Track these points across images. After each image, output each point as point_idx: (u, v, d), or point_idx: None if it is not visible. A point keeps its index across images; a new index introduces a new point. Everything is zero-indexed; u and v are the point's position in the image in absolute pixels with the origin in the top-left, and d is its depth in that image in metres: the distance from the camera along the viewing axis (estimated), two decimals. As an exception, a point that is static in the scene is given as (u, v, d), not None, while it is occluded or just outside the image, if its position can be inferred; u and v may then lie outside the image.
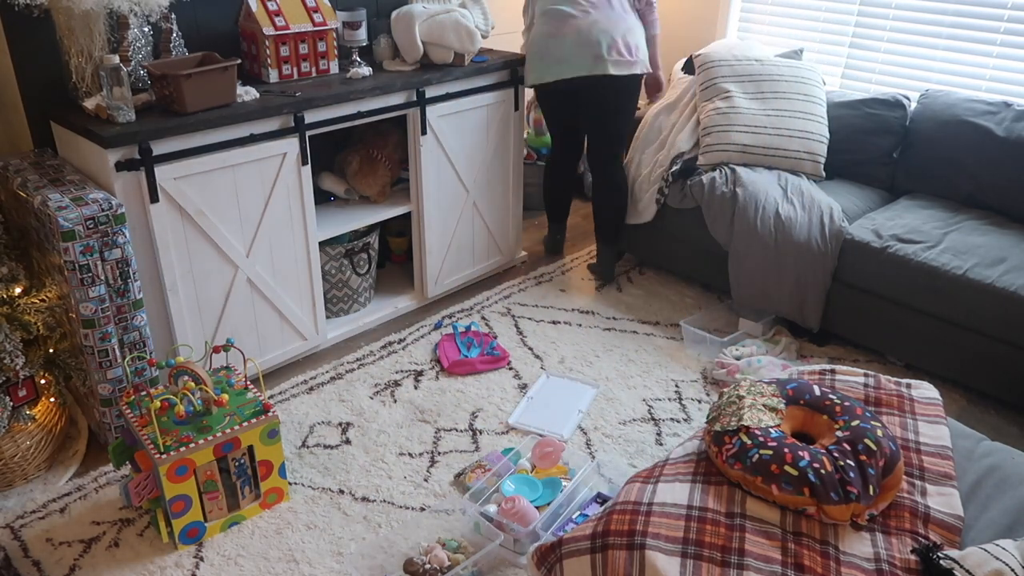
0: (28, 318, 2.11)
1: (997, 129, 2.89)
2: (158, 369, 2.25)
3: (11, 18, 2.25)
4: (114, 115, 2.20)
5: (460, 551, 2.00)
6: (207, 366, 2.40)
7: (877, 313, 2.78)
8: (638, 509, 1.53)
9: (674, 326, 3.10)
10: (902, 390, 1.89)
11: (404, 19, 2.87)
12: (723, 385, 2.72)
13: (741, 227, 2.92)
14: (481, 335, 2.98)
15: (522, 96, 3.22)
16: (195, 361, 2.12)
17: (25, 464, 2.22)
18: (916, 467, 1.66)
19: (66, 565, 2.00)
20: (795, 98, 3.15)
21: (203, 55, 2.44)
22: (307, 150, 2.57)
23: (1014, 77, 3.08)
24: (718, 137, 3.10)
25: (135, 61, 2.40)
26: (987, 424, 2.56)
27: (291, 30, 2.65)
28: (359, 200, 3.06)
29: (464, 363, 2.82)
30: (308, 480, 2.30)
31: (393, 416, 2.58)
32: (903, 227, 2.80)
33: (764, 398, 1.70)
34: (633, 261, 3.63)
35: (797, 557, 1.43)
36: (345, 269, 2.96)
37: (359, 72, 2.75)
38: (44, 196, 2.11)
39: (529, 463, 2.26)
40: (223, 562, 2.02)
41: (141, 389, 2.10)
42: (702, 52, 3.31)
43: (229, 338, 2.31)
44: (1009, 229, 2.80)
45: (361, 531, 2.13)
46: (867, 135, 3.19)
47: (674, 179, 3.13)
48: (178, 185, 2.29)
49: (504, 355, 2.88)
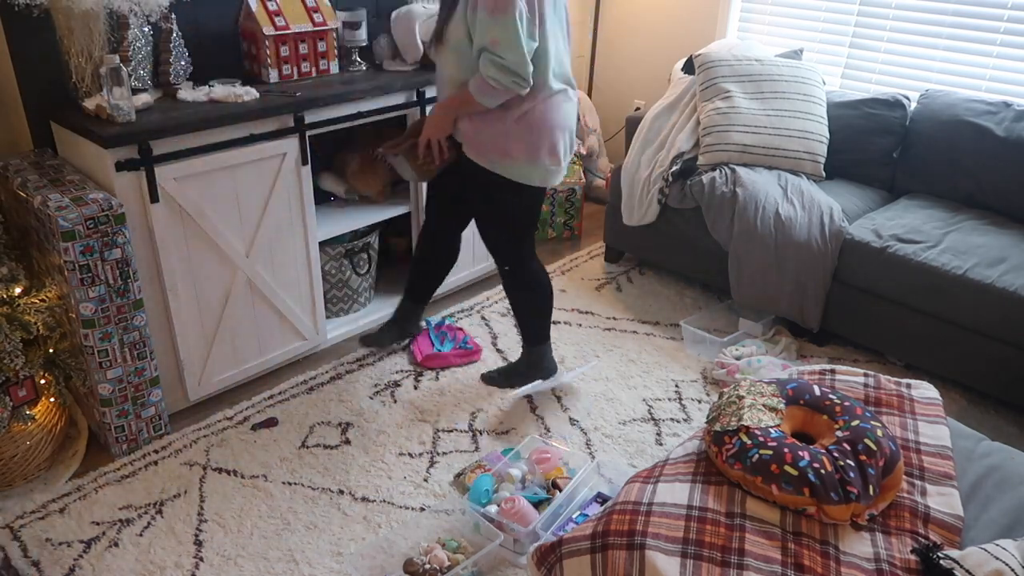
0: (28, 318, 2.11)
1: (997, 129, 2.89)
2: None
3: (11, 18, 2.25)
4: (114, 115, 2.19)
5: (460, 551, 2.00)
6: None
7: (877, 313, 2.78)
8: (638, 509, 1.52)
9: (674, 326, 3.10)
10: (902, 390, 1.89)
11: (404, 19, 2.87)
12: (723, 385, 2.72)
13: (741, 227, 2.92)
14: (455, 329, 2.99)
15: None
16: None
17: (25, 464, 2.22)
18: (916, 467, 1.66)
19: (66, 565, 2.00)
20: (795, 98, 3.15)
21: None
22: (307, 150, 2.57)
23: (1014, 77, 3.08)
24: (718, 137, 3.09)
25: (135, 61, 2.40)
26: (987, 424, 2.56)
27: (291, 30, 2.65)
28: (359, 200, 3.06)
29: (437, 357, 2.82)
30: (308, 480, 2.30)
31: (393, 416, 2.58)
32: (903, 227, 2.80)
33: (764, 398, 1.70)
34: (633, 261, 3.63)
35: (797, 557, 1.43)
36: (345, 269, 2.96)
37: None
38: (44, 196, 2.10)
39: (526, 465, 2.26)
40: (223, 562, 2.02)
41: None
42: (702, 52, 3.31)
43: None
44: (1009, 229, 2.80)
45: (361, 531, 2.13)
46: (867, 135, 3.19)
47: (674, 179, 3.13)
48: (178, 185, 2.29)
49: (477, 349, 2.89)
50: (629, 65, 4.26)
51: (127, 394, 2.30)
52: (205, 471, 2.32)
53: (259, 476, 2.31)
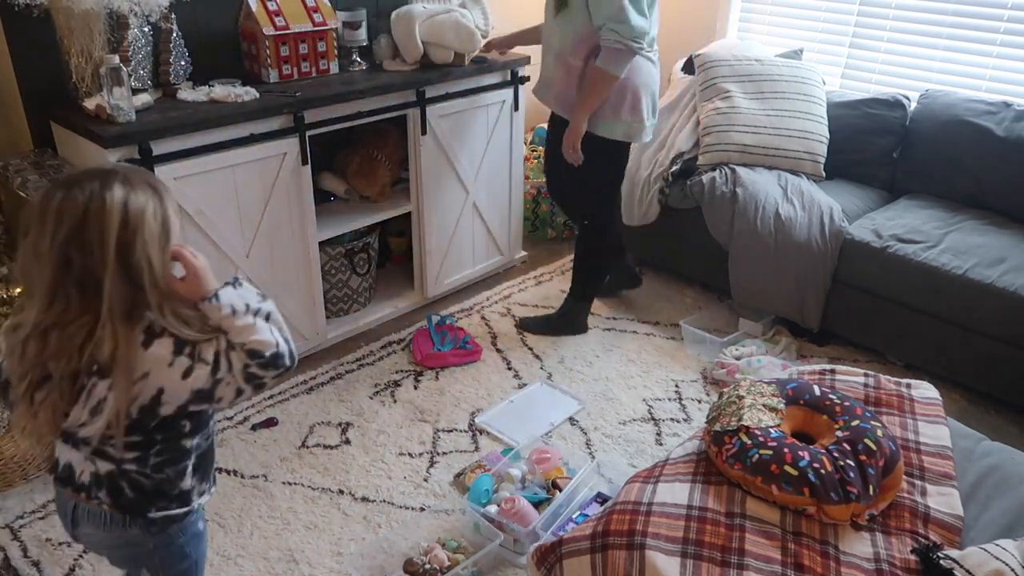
0: (28, 318, 2.11)
1: (997, 129, 2.89)
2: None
3: (11, 18, 2.25)
4: (114, 115, 2.19)
5: (460, 551, 2.00)
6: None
7: (877, 313, 2.77)
8: (638, 509, 1.52)
9: (674, 326, 3.10)
10: (902, 390, 1.89)
11: (404, 19, 2.86)
12: (723, 385, 2.72)
13: (741, 227, 2.92)
14: (455, 329, 2.98)
15: (522, 96, 3.22)
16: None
17: (25, 464, 2.22)
18: (916, 467, 1.66)
19: (66, 565, 2.00)
20: (795, 98, 3.15)
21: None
22: (307, 150, 2.57)
23: (1014, 77, 3.08)
24: (718, 137, 3.09)
25: (135, 61, 2.40)
26: (987, 424, 2.56)
27: (291, 30, 2.65)
28: (359, 200, 3.06)
29: (437, 356, 2.83)
30: (308, 480, 2.30)
31: (393, 416, 2.58)
32: (903, 227, 2.80)
33: (764, 398, 1.70)
34: (633, 261, 3.63)
35: (797, 557, 1.43)
36: (345, 269, 2.96)
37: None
38: (44, 196, 2.10)
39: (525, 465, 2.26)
40: (223, 562, 2.02)
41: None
42: (702, 52, 3.31)
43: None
44: (1009, 229, 2.79)
45: (361, 531, 2.13)
46: (867, 135, 3.19)
47: (674, 179, 3.13)
48: (178, 185, 2.28)
49: (477, 349, 2.89)
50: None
51: (127, 394, 2.30)
52: (205, 471, 2.32)
53: (259, 476, 2.31)
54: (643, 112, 2.53)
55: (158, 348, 1.16)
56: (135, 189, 1.13)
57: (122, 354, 1.13)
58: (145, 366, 1.15)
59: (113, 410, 1.15)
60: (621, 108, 2.50)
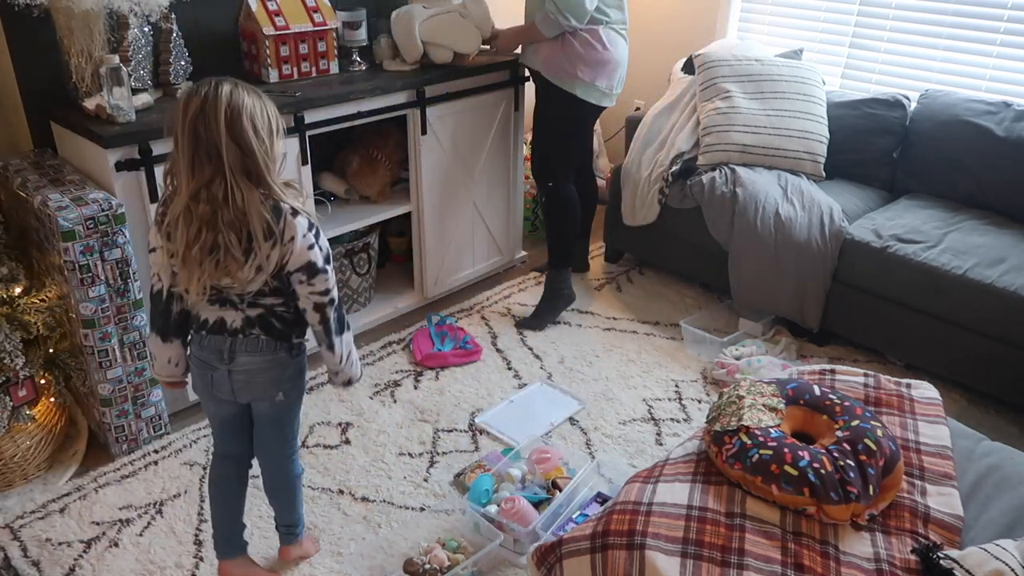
0: (28, 318, 2.11)
1: (997, 129, 2.89)
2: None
3: (11, 18, 2.25)
4: (114, 115, 2.19)
5: (460, 551, 2.00)
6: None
7: (877, 313, 2.78)
8: (638, 509, 1.52)
9: (674, 326, 3.10)
10: (902, 390, 1.88)
11: (404, 19, 2.86)
12: (723, 385, 2.72)
13: (741, 227, 2.92)
14: (455, 329, 2.98)
15: (522, 96, 3.22)
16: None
17: (25, 464, 2.22)
18: (916, 467, 1.66)
19: (66, 565, 2.00)
20: (795, 98, 3.14)
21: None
22: (307, 150, 2.57)
23: (1014, 77, 3.08)
24: (718, 137, 3.09)
25: (135, 61, 2.40)
26: (987, 424, 2.56)
27: (291, 30, 2.65)
28: (359, 200, 3.06)
29: (437, 356, 2.83)
30: (308, 480, 2.30)
31: (393, 416, 2.58)
32: (903, 227, 2.80)
33: (764, 398, 1.70)
34: (633, 261, 3.63)
35: (797, 557, 1.43)
36: (345, 269, 2.96)
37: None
38: (44, 196, 2.10)
39: (525, 465, 2.26)
40: (223, 562, 2.02)
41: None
42: (702, 52, 3.31)
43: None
44: (1009, 229, 2.79)
45: (361, 531, 2.13)
46: (867, 135, 3.18)
47: (674, 179, 3.13)
48: (178, 185, 2.28)
49: (477, 349, 2.89)
50: (629, 65, 4.24)
51: (127, 394, 2.30)
52: (205, 471, 2.32)
53: (259, 476, 2.30)
54: (614, 82, 2.92)
55: (301, 219, 1.59)
56: (238, 87, 1.56)
57: (252, 205, 1.51)
58: (291, 231, 1.56)
59: (273, 263, 1.57)
60: (599, 76, 2.85)
